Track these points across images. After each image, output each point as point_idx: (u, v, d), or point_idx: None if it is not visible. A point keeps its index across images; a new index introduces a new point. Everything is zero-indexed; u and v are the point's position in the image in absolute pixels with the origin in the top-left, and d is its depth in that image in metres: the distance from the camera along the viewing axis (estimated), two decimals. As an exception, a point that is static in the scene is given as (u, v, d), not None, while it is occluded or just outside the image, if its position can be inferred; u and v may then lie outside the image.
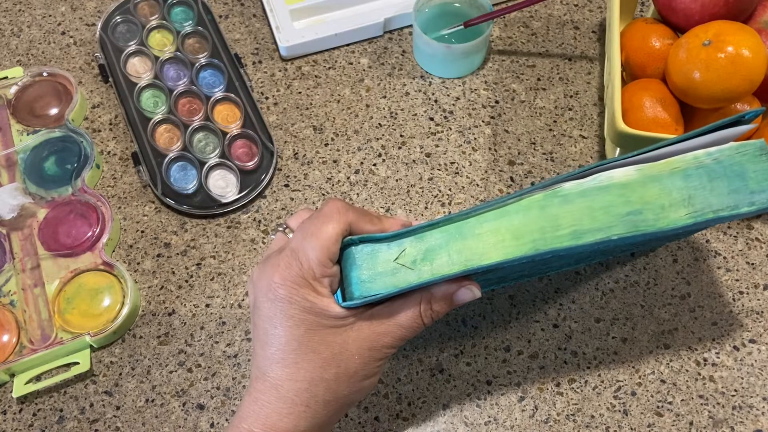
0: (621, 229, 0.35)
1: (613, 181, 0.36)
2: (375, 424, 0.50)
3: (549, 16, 0.71)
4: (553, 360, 0.53)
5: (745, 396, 0.51)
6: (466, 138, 0.63)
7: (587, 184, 0.37)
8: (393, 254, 0.37)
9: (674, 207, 0.36)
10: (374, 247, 0.38)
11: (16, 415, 0.51)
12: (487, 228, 0.37)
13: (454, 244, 0.37)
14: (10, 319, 0.53)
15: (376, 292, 0.37)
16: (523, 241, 0.36)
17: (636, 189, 0.36)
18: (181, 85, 0.64)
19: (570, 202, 0.36)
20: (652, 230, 0.35)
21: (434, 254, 0.37)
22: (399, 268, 0.37)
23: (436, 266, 0.37)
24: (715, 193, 0.36)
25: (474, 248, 0.36)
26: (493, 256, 0.36)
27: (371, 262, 0.38)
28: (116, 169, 0.62)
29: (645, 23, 0.60)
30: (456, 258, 0.36)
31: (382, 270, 0.37)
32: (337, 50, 0.69)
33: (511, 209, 0.37)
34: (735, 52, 0.50)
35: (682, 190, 0.36)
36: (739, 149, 0.37)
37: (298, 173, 0.62)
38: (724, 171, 0.37)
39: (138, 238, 0.58)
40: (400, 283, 0.37)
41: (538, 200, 0.37)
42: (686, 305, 0.55)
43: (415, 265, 0.37)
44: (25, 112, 0.63)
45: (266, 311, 0.37)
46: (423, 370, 0.52)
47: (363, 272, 0.37)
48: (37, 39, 0.70)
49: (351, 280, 0.38)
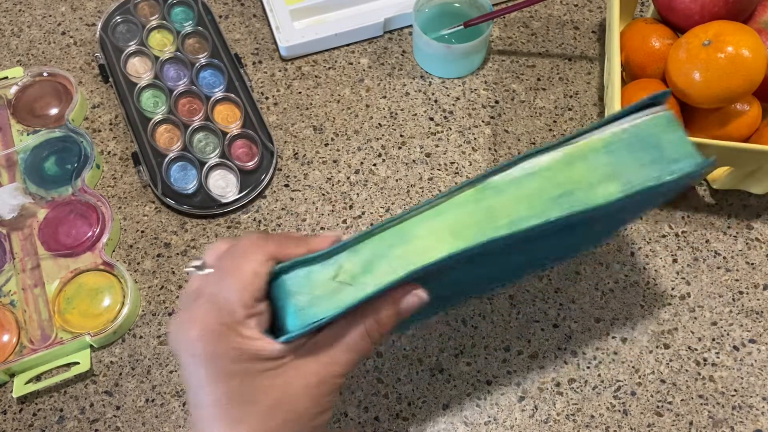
0: (557, 211, 0.36)
1: (539, 167, 0.37)
2: (375, 424, 0.50)
3: (549, 16, 0.71)
4: (553, 360, 0.53)
5: (745, 396, 0.51)
6: (466, 138, 0.63)
7: (515, 173, 0.37)
8: (330, 273, 0.35)
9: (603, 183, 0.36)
10: (308, 270, 0.35)
11: (16, 415, 0.51)
12: (424, 229, 0.36)
13: (394, 251, 0.35)
14: (10, 319, 0.53)
15: (317, 317, 0.34)
16: (462, 235, 0.35)
17: (563, 170, 0.37)
18: (181, 85, 0.64)
19: (502, 192, 0.36)
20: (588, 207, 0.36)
21: (374, 264, 0.35)
22: (339, 287, 0.34)
23: (378, 276, 0.34)
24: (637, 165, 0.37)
25: (414, 251, 0.35)
26: (436, 254, 0.35)
27: (307, 285, 0.35)
28: (116, 169, 0.62)
29: (645, 23, 0.60)
30: (397, 264, 0.35)
31: (320, 292, 0.34)
32: (337, 50, 0.69)
33: (445, 207, 0.36)
34: (735, 52, 0.50)
35: (607, 166, 0.37)
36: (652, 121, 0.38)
37: (298, 173, 0.62)
38: (641, 143, 0.37)
39: (138, 238, 0.58)
40: (344, 302, 0.34)
41: (471, 195, 0.36)
42: (686, 305, 0.55)
43: (356, 279, 0.34)
44: (25, 112, 0.63)
45: (191, 368, 0.33)
46: (423, 370, 0.52)
47: (300, 298, 0.34)
48: (37, 39, 0.70)
49: (287, 311, 0.35)
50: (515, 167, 0.37)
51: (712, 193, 0.60)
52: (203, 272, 0.36)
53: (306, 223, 0.59)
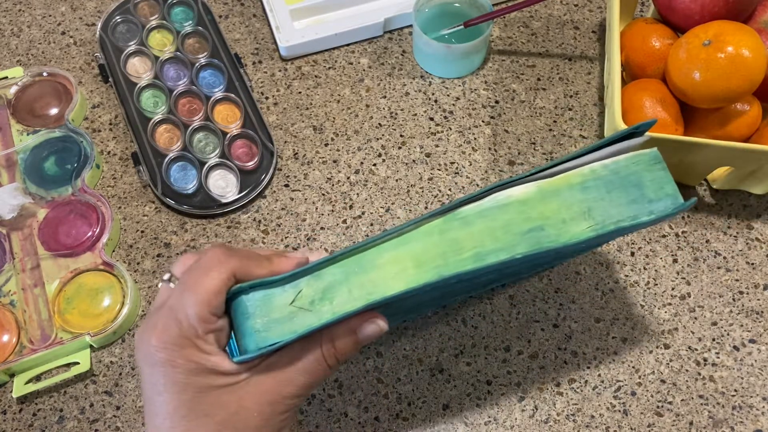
0: (524, 247, 0.35)
1: (511, 199, 0.36)
2: (375, 424, 0.50)
3: (549, 16, 0.71)
4: (553, 360, 0.53)
5: (745, 396, 0.51)
6: (466, 138, 0.63)
7: (486, 205, 0.36)
8: (288, 297, 0.35)
9: (575, 220, 0.36)
10: (267, 293, 0.35)
11: (16, 415, 0.51)
12: (387, 258, 0.35)
13: (354, 279, 0.35)
14: (10, 319, 0.53)
15: (272, 341, 0.34)
16: (425, 268, 0.35)
17: (535, 205, 0.36)
18: (181, 85, 0.64)
19: (470, 224, 0.36)
20: (556, 245, 0.35)
21: (333, 291, 0.35)
22: (296, 312, 0.34)
23: (336, 304, 0.34)
24: (614, 204, 0.36)
25: (375, 280, 0.35)
26: (396, 286, 0.34)
27: (265, 308, 0.35)
28: (116, 169, 0.62)
29: (645, 23, 0.60)
30: (357, 293, 0.34)
31: (278, 316, 0.34)
32: (337, 50, 0.69)
33: (411, 236, 0.35)
34: (735, 52, 0.50)
35: (582, 203, 0.36)
36: (634, 159, 0.37)
37: (298, 173, 0.62)
38: (621, 182, 0.37)
39: (138, 238, 0.58)
40: (299, 328, 0.34)
41: (438, 225, 0.36)
42: (686, 305, 0.55)
43: (314, 306, 0.34)
44: (25, 112, 0.63)
45: (148, 378, 0.34)
46: (423, 370, 0.52)
47: (257, 321, 0.34)
48: (37, 39, 0.70)
49: (244, 332, 0.35)
50: (487, 197, 0.36)
51: (712, 193, 0.60)
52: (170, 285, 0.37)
53: (306, 223, 0.59)
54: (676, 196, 0.37)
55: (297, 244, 0.58)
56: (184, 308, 0.34)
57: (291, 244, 0.58)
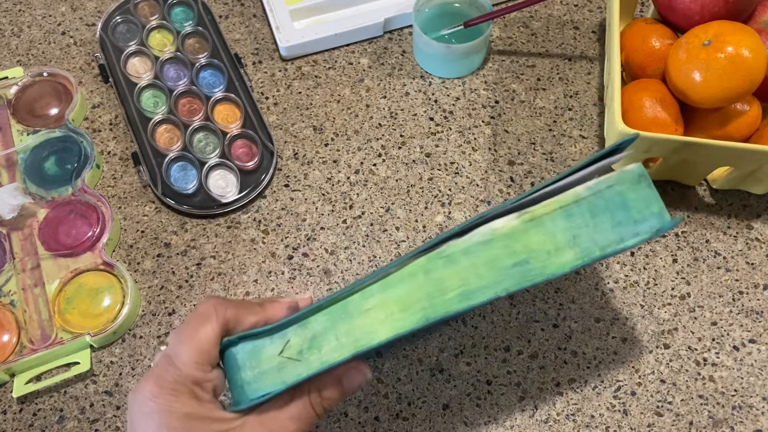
0: (509, 282, 0.35)
1: (496, 234, 0.35)
2: (375, 424, 0.50)
3: (549, 16, 0.71)
4: (553, 360, 0.53)
5: (745, 396, 0.51)
6: (466, 138, 0.63)
7: (470, 241, 0.35)
8: (277, 348, 0.35)
9: (560, 251, 0.35)
10: (256, 344, 0.36)
11: (16, 415, 0.51)
12: (373, 302, 0.35)
13: (341, 326, 0.35)
14: (10, 319, 0.53)
15: (264, 392, 0.35)
16: (412, 311, 0.35)
17: (519, 238, 0.35)
18: (181, 85, 0.64)
19: (454, 262, 0.35)
20: (541, 279, 0.35)
21: (321, 340, 0.35)
22: (285, 362, 0.35)
23: (324, 353, 0.35)
24: (599, 229, 0.35)
25: (362, 327, 0.35)
26: (383, 333, 0.34)
27: (254, 360, 0.35)
28: (116, 169, 0.62)
29: (645, 23, 0.60)
30: (345, 341, 0.35)
31: (267, 367, 0.35)
32: (337, 50, 0.69)
33: (395, 279, 0.35)
34: (735, 52, 0.50)
35: (566, 231, 0.35)
36: (618, 178, 0.36)
37: (298, 173, 0.62)
38: (605, 204, 0.36)
39: (138, 238, 0.58)
40: (289, 378, 0.35)
41: (422, 265, 0.35)
42: (686, 305, 0.55)
43: (302, 355, 0.35)
44: (25, 112, 0.63)
45: (143, 426, 0.34)
46: (423, 369, 0.52)
47: (247, 373, 0.35)
48: (37, 39, 0.70)
49: (235, 383, 0.35)
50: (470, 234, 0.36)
51: (712, 193, 0.60)
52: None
53: (306, 223, 0.59)
54: (662, 214, 0.36)
55: (297, 244, 0.58)
56: (181, 356, 0.34)
57: (291, 244, 0.58)
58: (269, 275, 0.56)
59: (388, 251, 0.57)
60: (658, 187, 0.64)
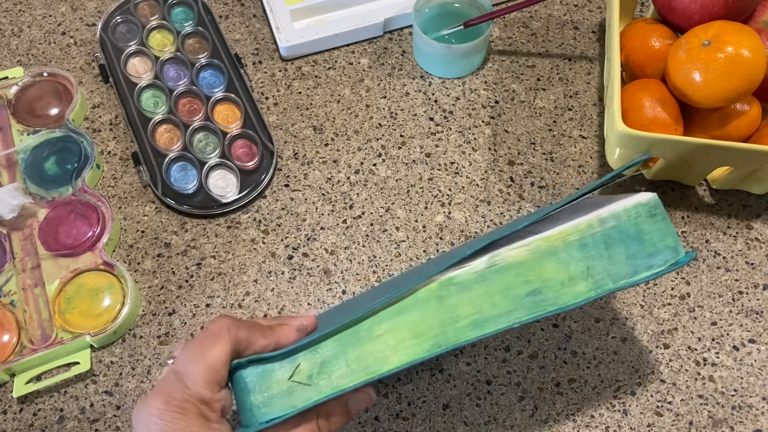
0: (522, 312, 0.34)
1: (508, 261, 0.35)
2: (375, 424, 0.50)
3: (549, 17, 0.71)
4: (553, 360, 0.53)
5: (745, 396, 0.51)
6: (466, 138, 0.63)
7: (482, 267, 0.35)
8: (287, 372, 0.35)
9: (574, 281, 0.35)
10: (265, 368, 0.35)
11: (16, 414, 0.51)
12: (385, 328, 0.35)
13: (352, 352, 0.35)
14: (11, 319, 0.53)
15: (273, 416, 0.34)
16: (424, 338, 0.34)
17: (533, 267, 0.35)
18: (181, 85, 0.64)
19: (467, 289, 0.35)
20: (555, 309, 0.34)
21: (331, 366, 0.35)
22: (295, 387, 0.35)
23: (335, 379, 0.34)
24: (613, 261, 0.35)
25: (373, 353, 0.34)
26: (395, 361, 0.34)
27: (264, 384, 0.35)
28: (116, 169, 0.62)
29: (645, 23, 0.60)
30: (355, 367, 0.34)
31: (276, 391, 0.35)
32: (337, 50, 0.69)
33: (408, 303, 0.35)
34: (734, 52, 0.50)
35: (580, 262, 0.35)
36: (634, 210, 0.36)
37: (298, 173, 0.62)
38: (620, 236, 0.35)
39: (138, 238, 0.58)
40: (299, 403, 0.34)
41: (434, 290, 0.35)
42: (686, 305, 0.55)
43: (312, 380, 0.35)
44: (26, 112, 0.63)
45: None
46: (423, 369, 0.52)
47: (256, 396, 0.35)
48: (37, 39, 0.70)
49: (245, 406, 0.35)
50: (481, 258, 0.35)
51: (712, 193, 0.60)
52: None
53: (306, 223, 0.59)
54: (677, 248, 0.35)
55: (297, 244, 0.58)
56: (191, 374, 0.34)
57: (291, 244, 0.58)
58: (269, 275, 0.56)
59: (388, 251, 0.57)
60: (658, 187, 0.64)
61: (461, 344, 0.34)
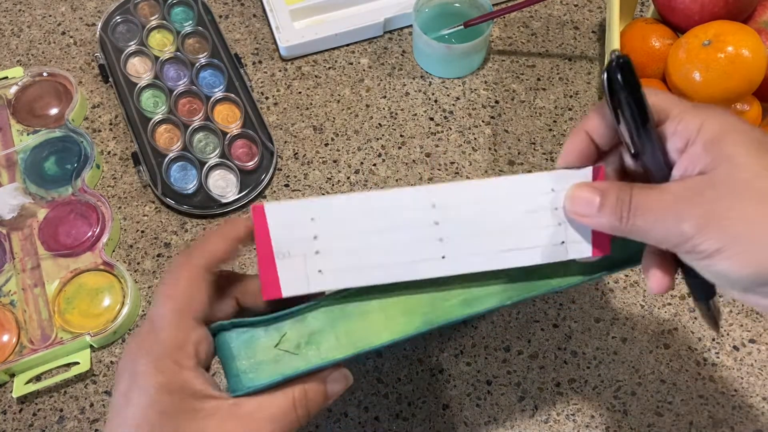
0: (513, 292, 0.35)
1: None
2: (375, 424, 0.50)
3: (549, 16, 0.71)
4: (553, 360, 0.53)
5: (745, 396, 0.51)
6: (466, 138, 0.63)
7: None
8: (273, 339, 0.35)
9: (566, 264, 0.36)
10: (251, 334, 0.35)
11: (16, 415, 0.51)
12: (374, 306, 0.35)
13: (341, 326, 0.35)
14: (10, 319, 0.53)
15: (260, 382, 0.34)
16: (414, 315, 0.35)
17: None
18: (181, 85, 0.64)
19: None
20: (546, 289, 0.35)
21: (319, 337, 0.35)
22: (282, 355, 0.34)
23: (323, 351, 0.34)
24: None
25: (363, 328, 0.34)
26: (384, 336, 0.34)
27: (249, 350, 0.35)
28: (116, 169, 0.62)
29: (645, 23, 0.60)
30: (344, 341, 0.34)
31: (263, 358, 0.34)
32: (337, 50, 0.69)
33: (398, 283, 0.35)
34: (735, 52, 0.50)
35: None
36: None
37: (298, 173, 0.62)
38: None
39: (138, 238, 0.58)
40: (286, 370, 0.34)
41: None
42: (686, 305, 0.55)
43: (300, 350, 0.34)
44: (25, 112, 0.63)
45: (123, 386, 0.33)
46: (423, 370, 0.52)
47: (242, 362, 0.34)
48: (37, 39, 0.70)
49: (231, 372, 0.35)
50: None
51: (712, 193, 0.60)
52: None
53: (306, 223, 0.59)
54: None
55: (297, 244, 0.58)
56: (161, 318, 0.33)
57: (291, 244, 0.58)
58: (269, 275, 0.56)
59: (388, 251, 0.57)
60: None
61: (452, 321, 0.35)
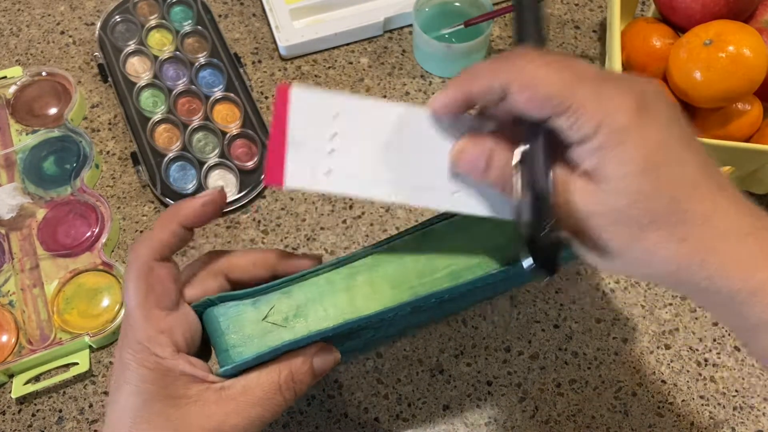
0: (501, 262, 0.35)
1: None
2: (375, 425, 0.50)
3: (549, 16, 0.71)
4: (554, 360, 0.52)
5: (746, 396, 0.51)
6: (467, 138, 0.63)
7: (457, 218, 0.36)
8: (261, 313, 0.34)
9: None
10: (238, 309, 0.35)
11: (15, 415, 0.51)
12: (361, 280, 0.35)
13: (328, 298, 0.35)
14: (9, 319, 0.53)
15: (249, 355, 0.34)
16: (401, 289, 0.35)
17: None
18: (180, 84, 0.64)
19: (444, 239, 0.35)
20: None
21: (307, 309, 0.35)
22: (270, 328, 0.34)
23: (311, 322, 0.34)
24: None
25: (350, 300, 0.35)
26: (372, 306, 0.34)
27: (237, 324, 0.34)
28: (115, 169, 0.62)
29: (646, 23, 0.60)
30: (332, 312, 0.34)
31: (251, 332, 0.34)
32: (337, 50, 0.69)
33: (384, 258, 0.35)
34: (736, 52, 0.50)
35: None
36: None
37: (297, 173, 0.61)
38: None
39: (137, 238, 0.58)
40: (274, 342, 0.34)
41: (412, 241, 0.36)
42: (687, 305, 0.55)
43: (288, 322, 0.34)
44: (24, 112, 0.62)
45: (114, 380, 0.34)
46: (423, 370, 0.52)
47: (231, 336, 0.34)
48: (36, 38, 0.70)
49: (220, 347, 0.34)
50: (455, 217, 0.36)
51: (713, 193, 0.60)
52: None
53: (306, 223, 0.59)
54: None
55: (297, 244, 0.58)
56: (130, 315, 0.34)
57: (291, 245, 0.58)
58: (269, 275, 0.56)
59: (388, 251, 0.57)
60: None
61: (439, 292, 0.35)
